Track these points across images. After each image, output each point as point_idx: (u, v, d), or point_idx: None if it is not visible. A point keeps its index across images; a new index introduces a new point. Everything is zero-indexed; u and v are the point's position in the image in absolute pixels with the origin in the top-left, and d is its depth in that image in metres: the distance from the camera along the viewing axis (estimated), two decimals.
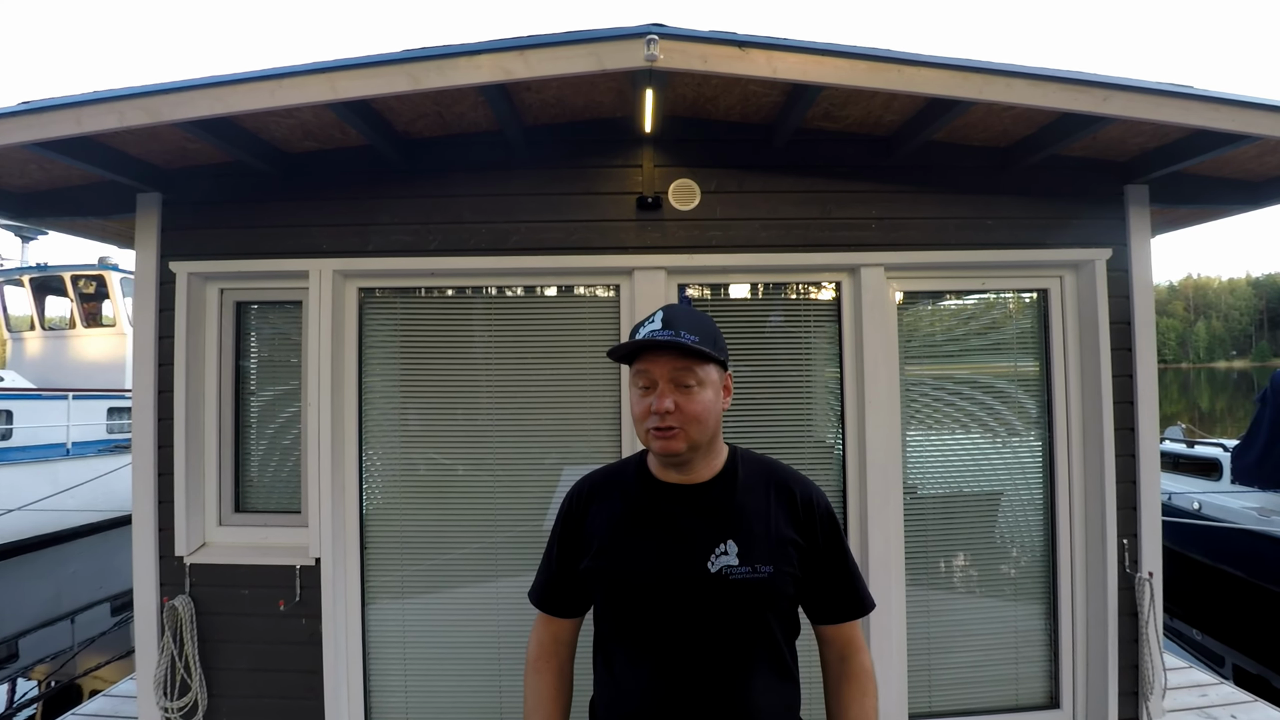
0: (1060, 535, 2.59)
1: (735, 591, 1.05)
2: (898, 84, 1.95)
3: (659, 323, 1.08)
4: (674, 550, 1.09)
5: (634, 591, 1.09)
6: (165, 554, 2.48)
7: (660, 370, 1.07)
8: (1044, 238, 2.55)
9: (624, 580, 1.10)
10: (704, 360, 1.08)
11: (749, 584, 1.06)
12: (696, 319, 1.10)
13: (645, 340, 1.07)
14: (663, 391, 1.06)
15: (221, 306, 2.60)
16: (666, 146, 2.49)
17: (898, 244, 2.49)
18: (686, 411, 1.06)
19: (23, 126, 1.91)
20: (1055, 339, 2.63)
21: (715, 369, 1.11)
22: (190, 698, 2.42)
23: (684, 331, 1.06)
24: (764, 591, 1.07)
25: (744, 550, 1.07)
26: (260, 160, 2.35)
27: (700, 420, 1.07)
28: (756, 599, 1.07)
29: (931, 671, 2.55)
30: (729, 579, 1.05)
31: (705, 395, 1.08)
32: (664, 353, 1.07)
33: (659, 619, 1.08)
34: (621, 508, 1.16)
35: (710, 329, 1.11)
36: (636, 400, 1.11)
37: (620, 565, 1.11)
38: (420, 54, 1.86)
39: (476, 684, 2.52)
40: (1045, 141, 2.35)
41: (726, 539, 1.08)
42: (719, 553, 1.07)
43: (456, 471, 2.57)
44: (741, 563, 1.06)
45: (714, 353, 1.07)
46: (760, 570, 1.06)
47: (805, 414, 2.57)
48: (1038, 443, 2.65)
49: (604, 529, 1.15)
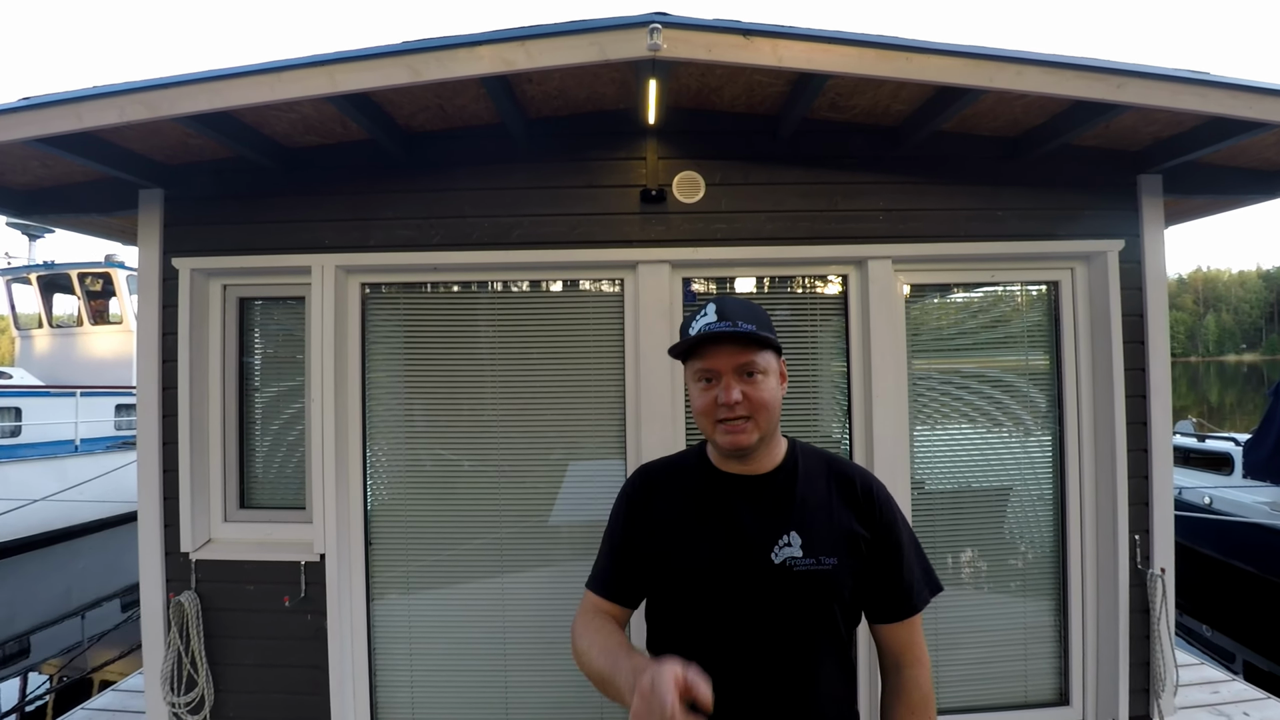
0: (1070, 531, 2.56)
1: (799, 583, 1.04)
2: (906, 72, 1.92)
3: (713, 314, 1.07)
4: (738, 541, 1.07)
5: (697, 581, 1.08)
6: (171, 550, 2.48)
7: (723, 362, 1.05)
8: (1055, 229, 2.50)
9: (687, 570, 1.09)
10: (764, 347, 1.07)
11: (813, 575, 1.04)
12: (749, 307, 1.09)
13: (705, 333, 1.05)
14: (728, 383, 1.05)
15: (225, 303, 2.59)
16: (670, 138, 2.46)
17: (906, 236, 2.46)
18: (754, 400, 1.05)
19: (23, 122, 1.91)
20: (1066, 332, 2.59)
21: (774, 356, 1.10)
22: (197, 693, 2.42)
23: (740, 321, 1.04)
24: (828, 583, 1.05)
25: (807, 542, 1.06)
26: (262, 155, 2.33)
27: (768, 408, 1.06)
28: (821, 590, 1.05)
29: (939, 668, 2.53)
30: (793, 570, 1.04)
31: (770, 383, 1.07)
32: (724, 344, 1.05)
33: (722, 610, 1.06)
34: (684, 498, 1.14)
35: (763, 315, 1.10)
36: (699, 395, 1.09)
37: (684, 555, 1.09)
38: (420, 45, 1.84)
39: (483, 679, 2.51)
40: (1056, 131, 2.30)
41: (790, 530, 1.07)
42: (782, 544, 1.06)
43: (461, 467, 2.56)
44: (805, 554, 1.05)
45: (772, 338, 1.07)
46: (825, 562, 1.05)
47: (811, 408, 2.54)
48: (1047, 437, 2.62)
49: (667, 518, 1.14)
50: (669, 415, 2.40)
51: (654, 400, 2.39)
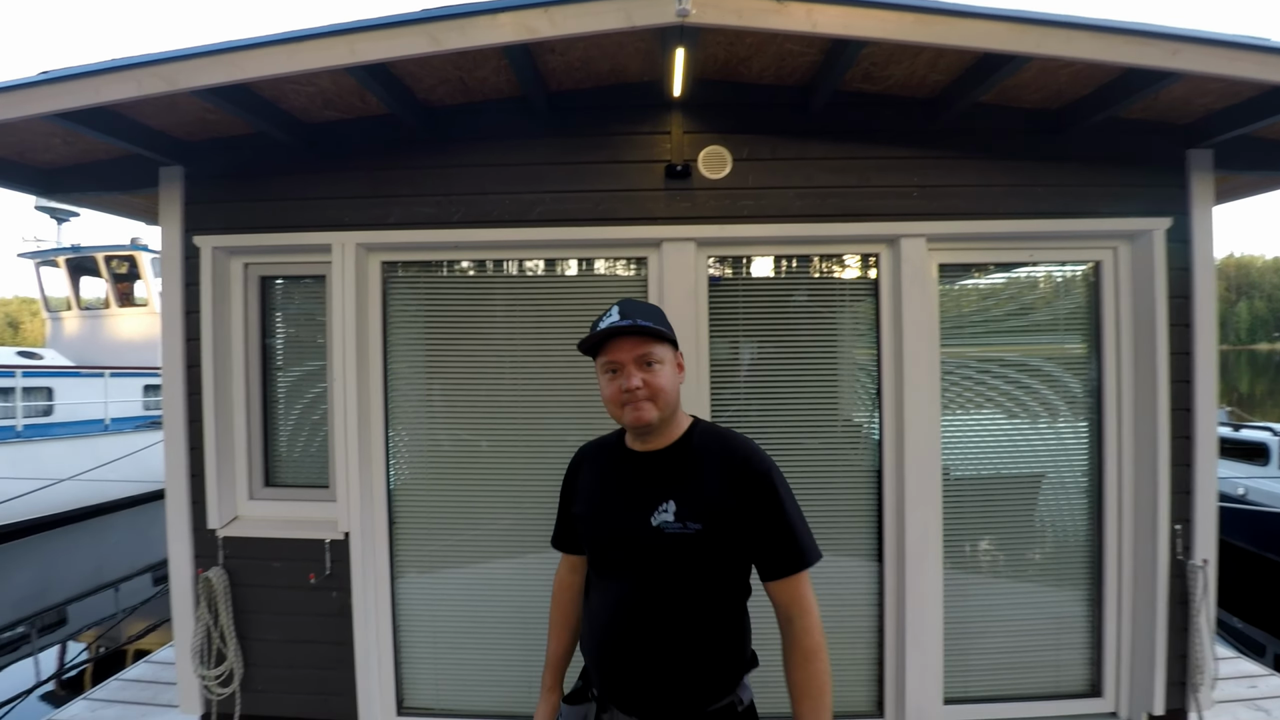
0: (1108, 520, 2.48)
1: (668, 544, 1.21)
2: (948, 38, 1.82)
3: (617, 315, 1.25)
4: (628, 506, 1.27)
5: (599, 538, 1.32)
6: (198, 527, 2.51)
7: (625, 355, 1.24)
8: (1098, 206, 2.39)
9: (594, 529, 1.33)
10: (660, 340, 1.25)
11: (679, 538, 1.21)
12: (647, 307, 1.29)
13: (609, 329, 1.22)
14: (629, 372, 1.23)
15: (246, 281, 2.59)
16: (696, 112, 2.38)
17: (940, 213, 2.36)
18: (653, 385, 1.23)
19: (43, 97, 1.89)
20: (1107, 314, 2.49)
21: (669, 348, 1.28)
22: (226, 666, 2.46)
23: (639, 319, 1.22)
24: (692, 546, 1.21)
25: (680, 509, 1.22)
26: (280, 130, 2.30)
27: (665, 392, 1.24)
28: (684, 551, 1.21)
29: (969, 656, 2.48)
30: (663, 533, 1.22)
31: (666, 370, 1.26)
32: (626, 338, 1.24)
33: (616, 561, 1.28)
34: (600, 470, 1.38)
35: (660, 314, 1.31)
36: (607, 384, 1.28)
37: (592, 516, 1.33)
38: (440, 13, 1.78)
39: (505, 656, 2.52)
40: (1102, 103, 2.19)
41: (669, 499, 1.23)
42: (661, 510, 1.23)
43: (482, 447, 2.54)
44: (676, 519, 1.21)
45: (667, 333, 1.25)
46: (690, 526, 1.21)
47: (838, 393, 2.48)
48: (1085, 423, 2.53)
49: (587, 486, 1.38)
50: (692, 392, 2.35)
51: None
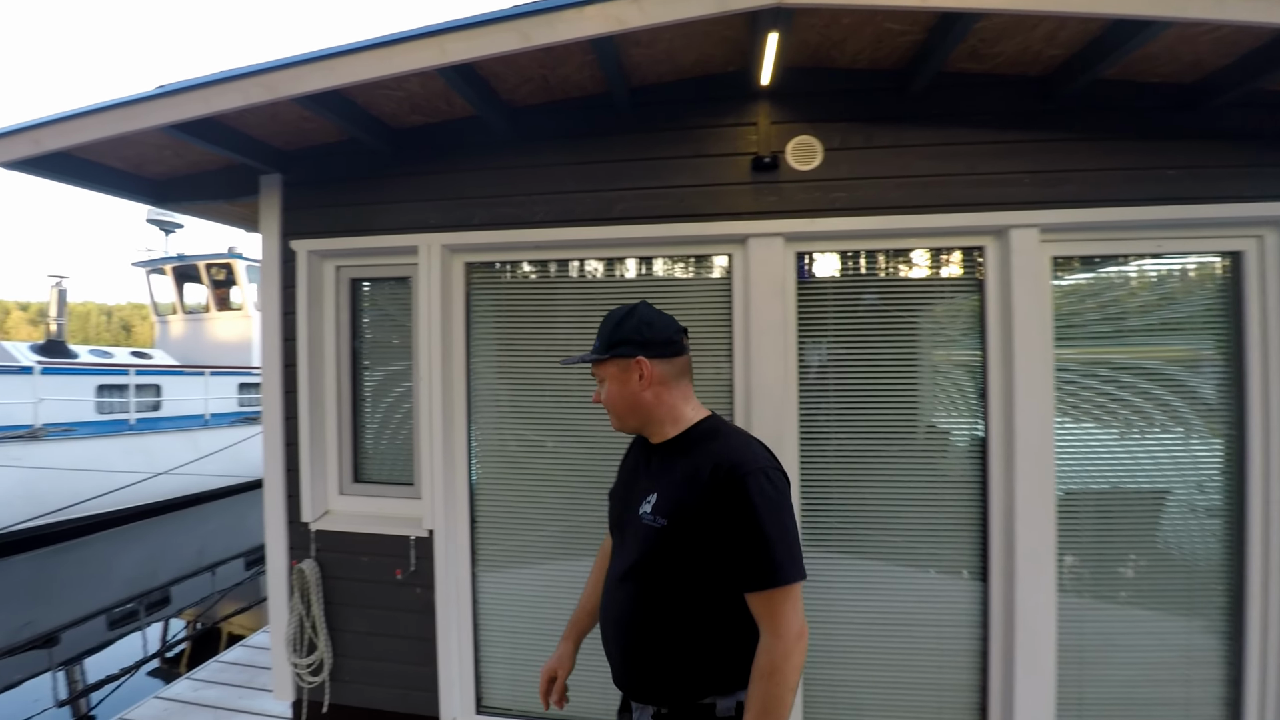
0: (1251, 544, 2.19)
1: (645, 534, 1.27)
2: (1077, 5, 1.64)
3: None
4: (631, 493, 1.38)
5: (610, 518, 1.46)
6: (293, 519, 2.61)
7: (595, 375, 1.40)
8: (1239, 189, 2.12)
9: (610, 509, 1.47)
10: (596, 363, 1.36)
11: (651, 530, 1.26)
12: (604, 325, 1.37)
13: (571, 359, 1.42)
14: (596, 391, 1.40)
15: (338, 283, 2.68)
16: (784, 101, 2.27)
17: (1055, 201, 2.16)
18: (604, 403, 1.38)
19: (159, 109, 2.00)
20: (1251, 311, 2.20)
21: (611, 364, 1.34)
22: (317, 656, 2.55)
23: (594, 343, 1.37)
24: (656, 538, 1.25)
25: (657, 502, 1.27)
26: (370, 136, 2.36)
27: (613, 407, 1.36)
28: (654, 544, 1.26)
29: (1083, 686, 2.26)
30: (641, 522, 1.28)
31: (610, 387, 1.36)
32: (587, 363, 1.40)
33: (617, 542, 1.41)
34: (632, 456, 1.48)
35: (605, 331, 1.35)
36: None
37: (612, 497, 1.47)
38: (530, 9, 1.77)
39: (581, 659, 2.48)
40: (1246, 73, 1.94)
41: (654, 491, 1.29)
42: (647, 500, 1.29)
43: (560, 445, 2.53)
44: (652, 511, 1.27)
45: (596, 356, 1.35)
46: (658, 521, 1.25)
47: (935, 399, 2.31)
48: (1224, 436, 2.25)
49: (622, 470, 1.50)
50: (779, 396, 2.25)
51: (764, 380, 2.25)
